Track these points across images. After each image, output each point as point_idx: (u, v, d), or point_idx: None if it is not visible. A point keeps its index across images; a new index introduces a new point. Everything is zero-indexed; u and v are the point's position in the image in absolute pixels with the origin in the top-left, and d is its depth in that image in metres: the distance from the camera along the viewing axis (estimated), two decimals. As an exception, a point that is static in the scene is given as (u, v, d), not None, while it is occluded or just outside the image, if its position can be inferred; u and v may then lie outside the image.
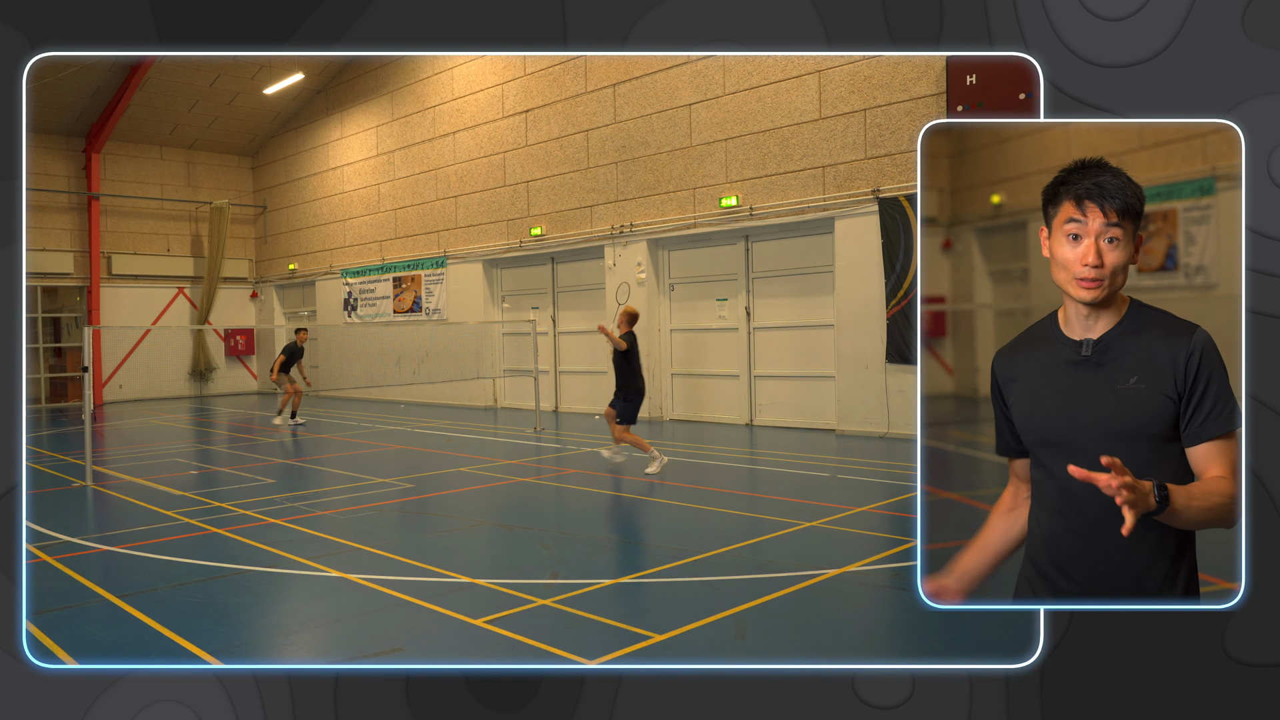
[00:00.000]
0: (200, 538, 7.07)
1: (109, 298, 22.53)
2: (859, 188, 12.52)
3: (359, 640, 4.71)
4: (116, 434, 15.49)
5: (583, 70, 16.24)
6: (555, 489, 9.52)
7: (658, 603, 5.29)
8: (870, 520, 7.36)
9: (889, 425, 12.24)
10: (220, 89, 21.69)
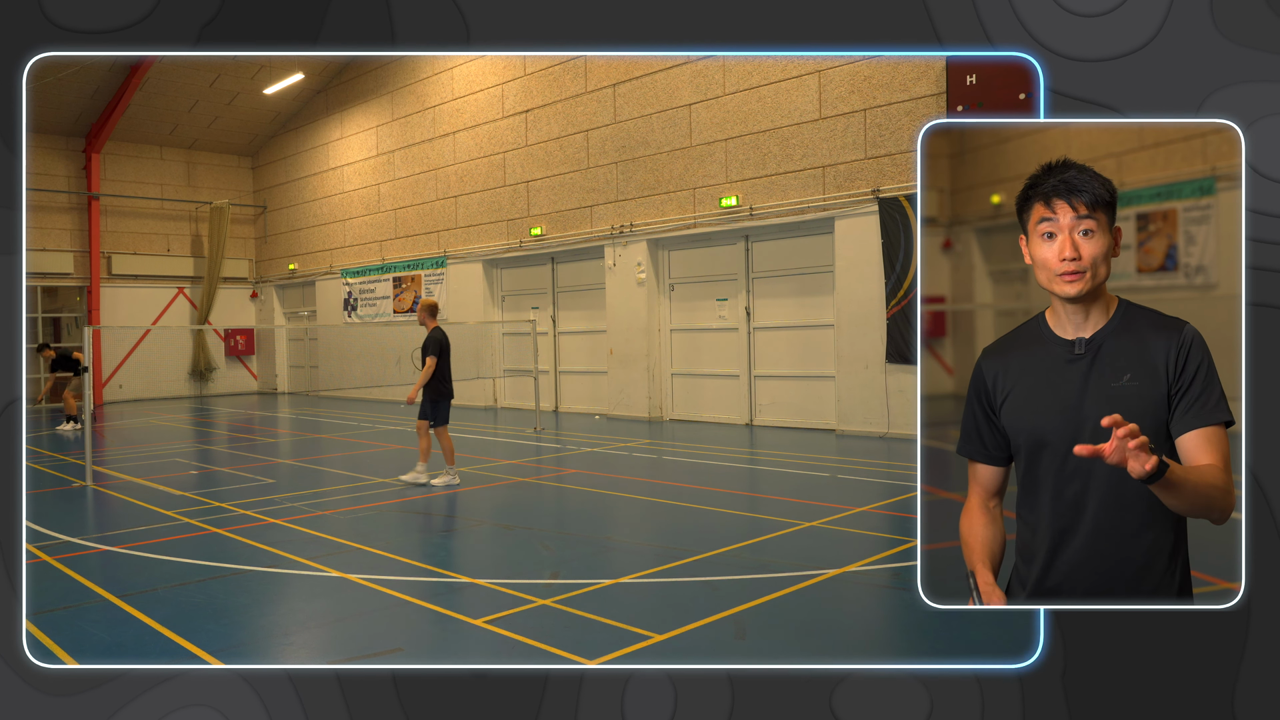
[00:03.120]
0: (200, 538, 7.07)
1: (109, 298, 22.53)
2: (859, 188, 12.52)
3: (359, 640, 4.71)
4: (116, 434, 15.49)
5: (583, 70, 16.24)
6: (555, 489, 9.52)
7: (658, 603, 5.28)
8: (870, 520, 7.36)
9: (889, 425, 12.24)
10: (220, 89, 21.69)
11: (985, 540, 2.39)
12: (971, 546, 2.39)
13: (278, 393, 24.62)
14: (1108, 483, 2.18)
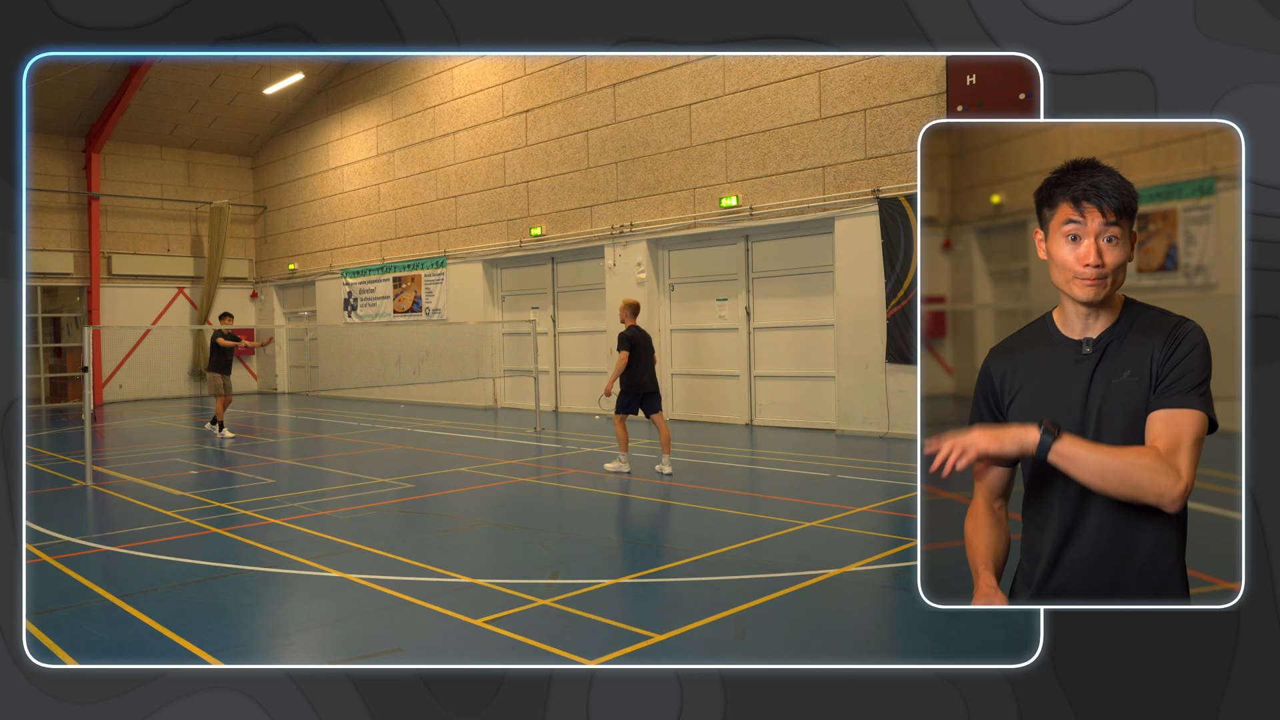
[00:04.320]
0: (200, 538, 7.07)
1: (109, 298, 22.52)
2: (859, 188, 12.52)
3: (359, 640, 4.71)
4: (116, 434, 15.49)
5: (583, 70, 16.24)
6: (555, 489, 9.52)
7: (658, 603, 5.29)
8: (870, 520, 7.36)
9: (889, 425, 12.24)
10: (220, 89, 21.69)
11: (989, 542, 2.38)
12: (975, 548, 2.39)
13: (278, 393, 24.62)
14: None
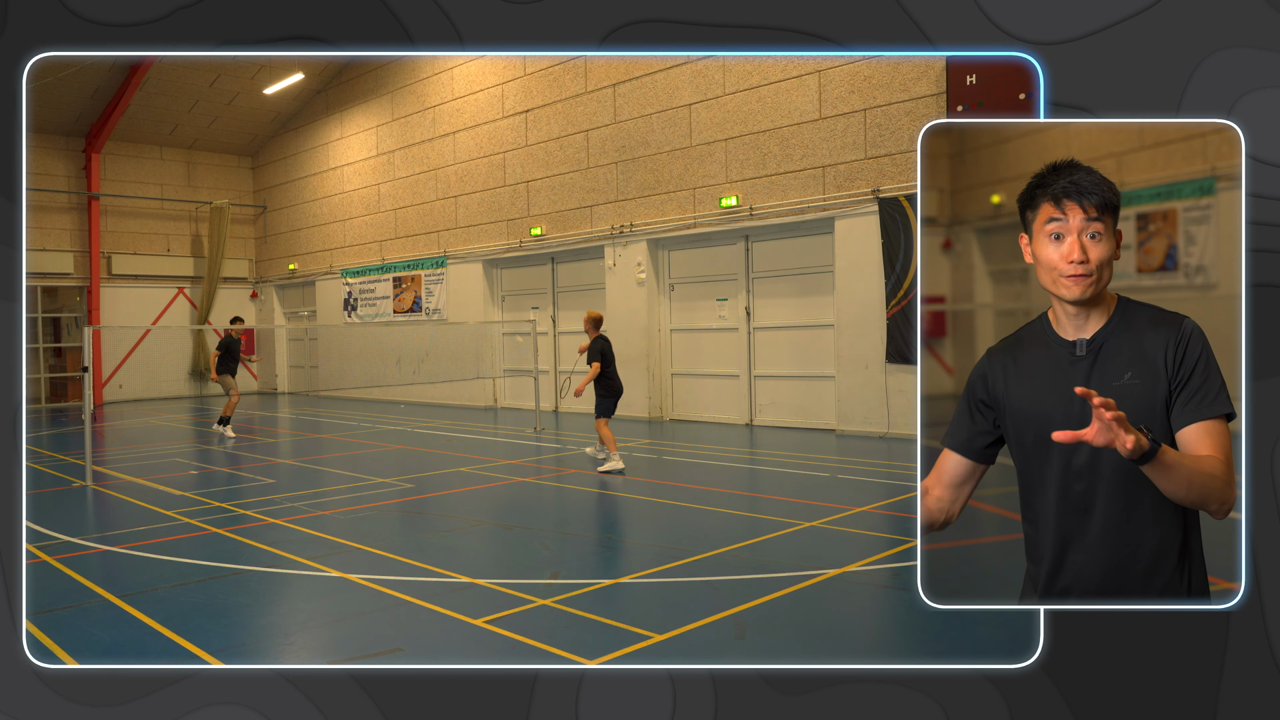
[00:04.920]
0: (200, 538, 7.07)
1: (109, 298, 22.53)
2: (859, 188, 12.52)
3: (359, 640, 4.71)
4: (116, 434, 15.49)
5: (583, 70, 16.24)
6: (555, 489, 9.52)
7: (658, 603, 5.28)
8: (870, 520, 7.36)
9: (889, 425, 12.24)
10: (220, 89, 21.69)
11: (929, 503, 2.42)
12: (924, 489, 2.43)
13: (278, 393, 24.62)
14: (1114, 480, 2.18)
